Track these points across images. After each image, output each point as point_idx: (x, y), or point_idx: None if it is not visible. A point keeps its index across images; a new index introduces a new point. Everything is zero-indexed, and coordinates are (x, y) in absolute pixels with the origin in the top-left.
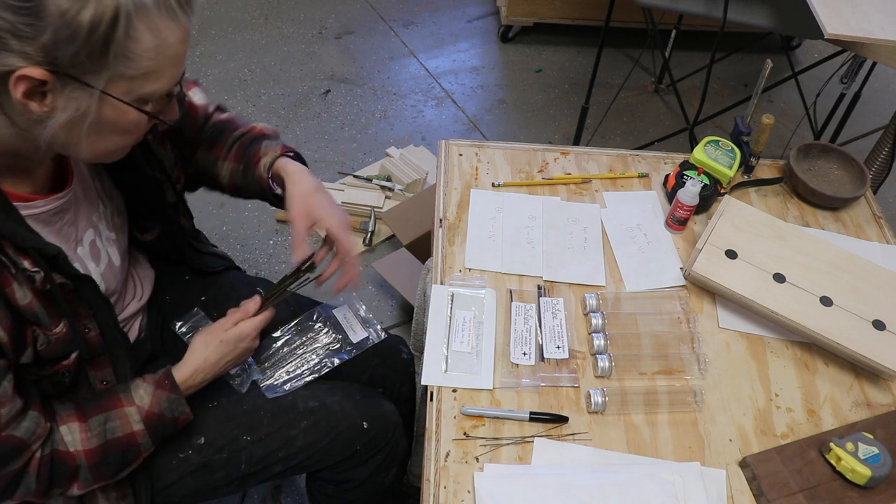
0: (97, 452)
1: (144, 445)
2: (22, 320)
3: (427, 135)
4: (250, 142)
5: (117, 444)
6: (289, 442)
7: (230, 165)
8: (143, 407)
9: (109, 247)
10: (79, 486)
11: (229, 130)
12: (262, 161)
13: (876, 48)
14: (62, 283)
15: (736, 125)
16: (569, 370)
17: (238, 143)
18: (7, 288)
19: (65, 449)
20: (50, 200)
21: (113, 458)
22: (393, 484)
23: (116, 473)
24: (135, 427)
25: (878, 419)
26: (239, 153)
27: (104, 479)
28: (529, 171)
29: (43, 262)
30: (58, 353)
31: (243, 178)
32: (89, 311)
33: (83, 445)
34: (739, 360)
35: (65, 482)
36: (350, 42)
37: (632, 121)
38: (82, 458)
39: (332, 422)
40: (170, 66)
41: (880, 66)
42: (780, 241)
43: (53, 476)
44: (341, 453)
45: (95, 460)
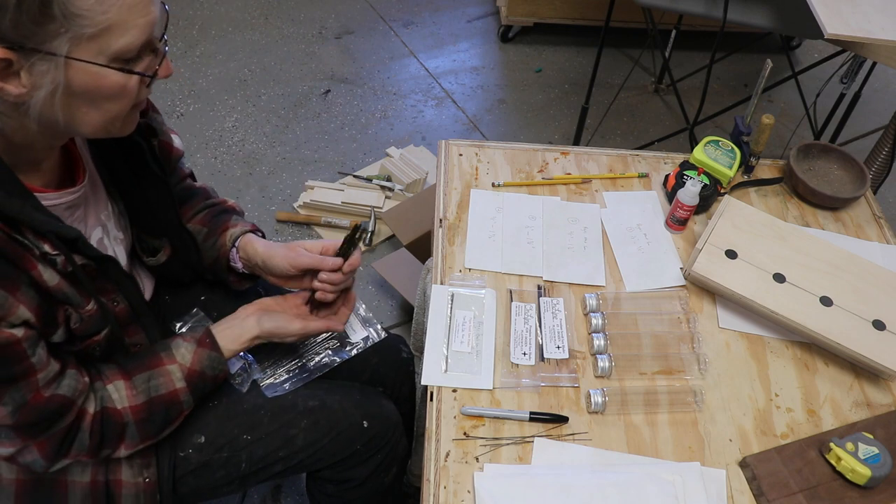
0: (143, 409)
1: (186, 403)
2: (53, 301)
3: (427, 135)
4: (220, 212)
5: (161, 402)
6: (289, 441)
7: (192, 227)
8: (185, 365)
9: (116, 246)
10: (126, 446)
11: (201, 196)
12: (230, 231)
13: (876, 48)
14: (84, 264)
15: (736, 125)
16: (569, 370)
17: (208, 209)
18: (33, 271)
19: (113, 406)
20: (63, 194)
21: (157, 415)
22: (393, 483)
23: (160, 431)
24: (177, 384)
25: (878, 419)
26: (206, 218)
27: (149, 437)
28: (529, 171)
29: (62, 245)
30: (90, 330)
31: (203, 242)
32: (115, 286)
33: (129, 402)
34: (739, 360)
35: (114, 440)
36: (350, 42)
37: (632, 121)
38: (129, 414)
39: (333, 421)
40: (132, 15)
41: (880, 66)
42: (780, 241)
43: (104, 433)
44: (341, 452)
45: (141, 416)
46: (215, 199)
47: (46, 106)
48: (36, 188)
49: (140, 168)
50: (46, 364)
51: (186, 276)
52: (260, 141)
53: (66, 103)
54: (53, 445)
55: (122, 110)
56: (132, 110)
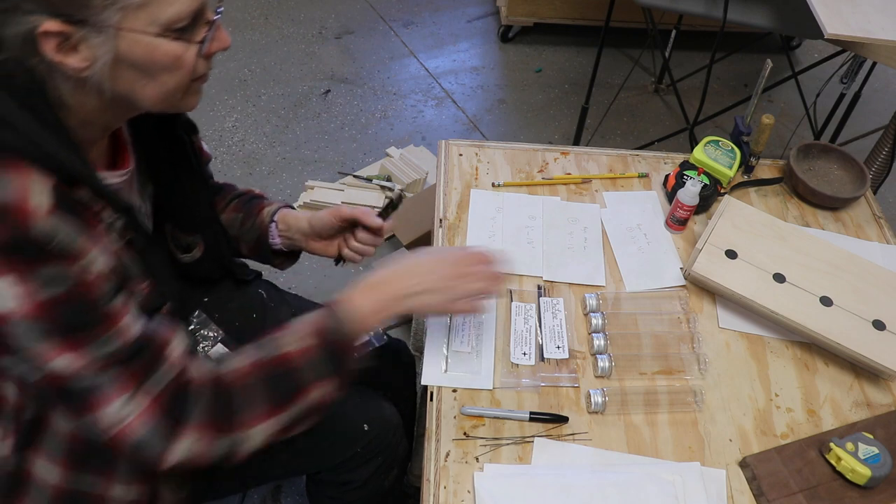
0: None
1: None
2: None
3: (427, 135)
4: (251, 198)
5: (280, 362)
6: (289, 444)
7: (227, 217)
8: (306, 325)
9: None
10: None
11: (228, 189)
12: (267, 209)
13: (876, 48)
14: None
15: (736, 125)
16: (569, 370)
17: (238, 198)
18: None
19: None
20: (111, 174)
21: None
22: (393, 485)
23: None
24: (299, 345)
25: (878, 419)
26: (239, 206)
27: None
28: (529, 171)
29: (122, 212)
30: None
31: (241, 228)
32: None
33: (243, 361)
34: (739, 360)
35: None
36: (350, 42)
37: (632, 121)
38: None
39: (333, 424)
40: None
41: (880, 66)
42: (780, 241)
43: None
44: (341, 455)
45: (261, 376)
46: (241, 189)
47: (107, 79)
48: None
49: (180, 163)
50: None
51: (216, 273)
52: (260, 141)
53: (123, 76)
54: (167, 403)
55: (179, 83)
56: (193, 84)
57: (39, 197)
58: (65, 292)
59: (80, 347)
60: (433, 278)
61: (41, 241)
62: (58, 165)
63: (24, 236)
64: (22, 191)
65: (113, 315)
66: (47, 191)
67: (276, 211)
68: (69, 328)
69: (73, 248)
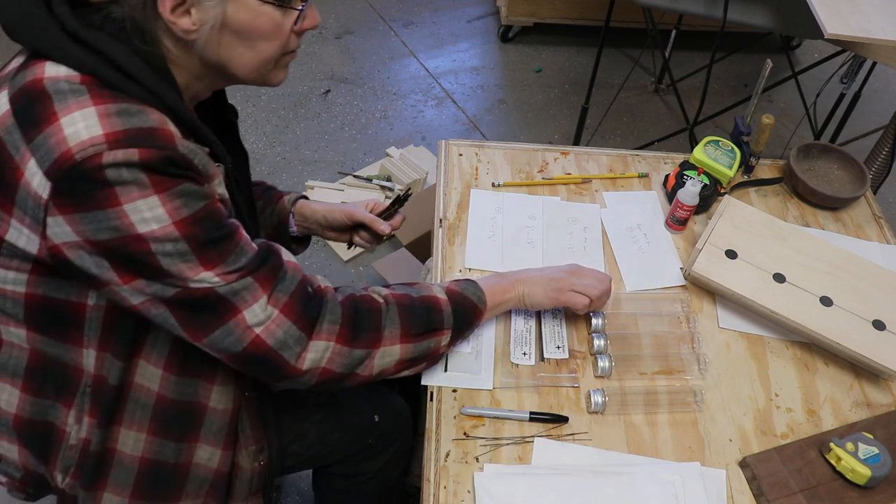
0: (403, 297)
1: (447, 316)
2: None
3: (427, 135)
4: (268, 187)
5: (422, 301)
6: (301, 436)
7: None
8: (443, 285)
9: None
10: (382, 342)
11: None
12: (286, 198)
13: (876, 48)
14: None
15: (736, 125)
16: (569, 370)
17: (257, 186)
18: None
19: (369, 294)
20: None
21: (418, 309)
22: (400, 478)
23: (421, 334)
24: (438, 294)
25: (878, 419)
26: (258, 194)
27: (409, 335)
28: (529, 171)
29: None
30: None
31: (261, 214)
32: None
33: (392, 290)
34: (739, 360)
35: (369, 330)
36: (350, 42)
37: (632, 121)
38: (390, 299)
39: (344, 415)
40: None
41: (880, 66)
42: (780, 241)
43: (359, 313)
44: (353, 447)
45: (402, 302)
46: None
47: (210, 43)
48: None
49: (232, 145)
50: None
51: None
52: (260, 141)
53: (225, 42)
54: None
55: (274, 52)
56: (283, 57)
57: (174, 127)
58: (202, 209)
59: (218, 263)
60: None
61: (185, 159)
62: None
63: (172, 155)
64: (162, 119)
65: (237, 230)
66: (170, 122)
67: (294, 201)
68: (208, 244)
69: (206, 169)
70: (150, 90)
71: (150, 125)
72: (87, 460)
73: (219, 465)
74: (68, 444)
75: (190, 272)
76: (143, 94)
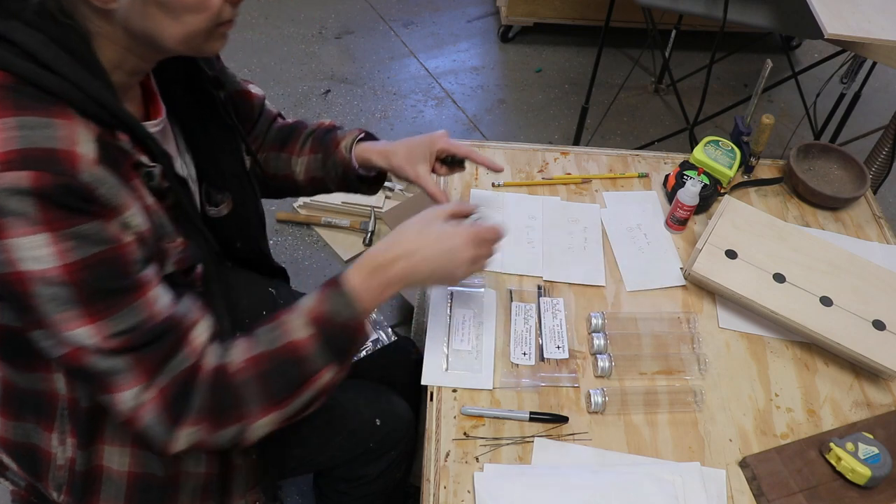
0: (258, 361)
1: (316, 358)
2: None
3: None
4: (325, 133)
5: (281, 354)
6: (302, 440)
7: (306, 159)
8: (305, 310)
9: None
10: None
11: (299, 130)
12: (342, 144)
13: (876, 48)
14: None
15: (736, 125)
16: (569, 370)
17: (312, 136)
18: (133, 181)
19: (228, 362)
20: (148, 124)
21: (277, 370)
22: (402, 481)
23: (289, 395)
24: (299, 334)
25: (878, 419)
26: (314, 145)
27: (276, 402)
28: (529, 171)
29: (161, 157)
30: (188, 262)
31: (323, 167)
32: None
33: (245, 355)
34: (739, 360)
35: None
36: (350, 42)
37: (632, 121)
38: (244, 369)
39: (345, 419)
40: None
41: (880, 66)
42: (780, 241)
43: (221, 395)
44: (354, 450)
45: (258, 370)
46: (312, 125)
47: (133, 13)
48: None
49: (211, 118)
50: (158, 282)
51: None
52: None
53: (149, 13)
54: (172, 394)
55: (202, 25)
56: (218, 28)
57: (87, 145)
58: (97, 254)
59: (100, 318)
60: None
61: (87, 189)
62: (100, 108)
63: (70, 184)
64: (70, 137)
65: (140, 288)
66: (93, 140)
67: (350, 145)
68: (96, 294)
69: (114, 200)
70: (70, 80)
71: (51, 145)
72: (76, 479)
73: (207, 467)
74: (56, 465)
75: (69, 324)
76: (62, 87)
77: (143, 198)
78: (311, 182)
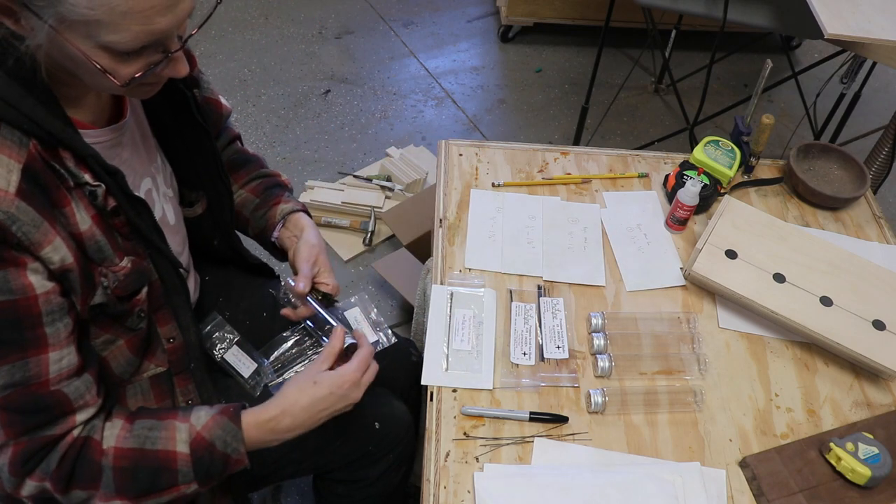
0: (128, 456)
1: (183, 475)
2: (87, 257)
3: (427, 135)
4: (274, 185)
5: (152, 458)
6: (301, 443)
7: (244, 195)
8: (195, 427)
9: (165, 203)
10: (100, 497)
11: (256, 165)
12: (282, 206)
13: (876, 48)
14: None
15: (736, 125)
16: (569, 370)
17: (262, 180)
18: (66, 207)
19: (98, 441)
20: (105, 131)
21: (143, 471)
22: (401, 482)
23: (143, 495)
24: (178, 447)
25: (878, 419)
26: (258, 188)
27: (127, 496)
28: (529, 171)
29: (105, 176)
30: (130, 288)
31: (252, 212)
32: (145, 250)
33: (117, 442)
34: (739, 360)
35: (86, 481)
36: (350, 42)
37: (632, 121)
38: (110, 456)
39: (344, 423)
40: (128, 21)
41: (880, 66)
42: (780, 241)
43: (77, 466)
44: (353, 454)
45: (123, 464)
46: (268, 170)
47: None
48: (79, 122)
49: (184, 117)
50: (62, 345)
51: (216, 236)
52: (260, 141)
53: (64, 57)
54: (24, 454)
55: (112, 87)
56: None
57: (7, 176)
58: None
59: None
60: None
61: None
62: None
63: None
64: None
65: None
66: (17, 169)
67: (288, 213)
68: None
69: (30, 238)
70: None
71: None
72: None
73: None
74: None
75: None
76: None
77: (76, 224)
78: (236, 216)
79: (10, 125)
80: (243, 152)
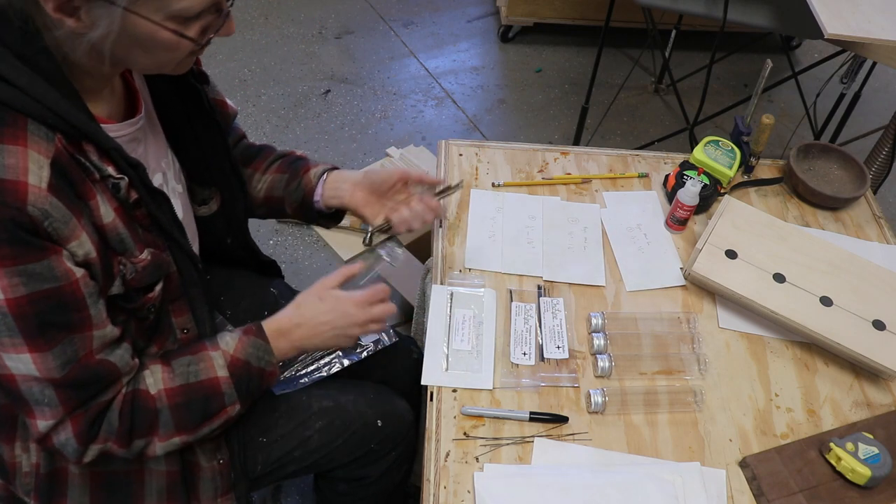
0: (179, 393)
1: (228, 396)
2: (108, 247)
3: (427, 135)
4: (296, 158)
5: (200, 389)
6: (304, 442)
7: (270, 178)
8: (228, 351)
9: (174, 198)
10: (159, 437)
11: (268, 151)
12: (313, 170)
13: (876, 48)
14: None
15: (736, 125)
16: (569, 370)
17: (282, 159)
18: (91, 201)
19: (146, 389)
20: (123, 126)
21: (195, 403)
22: (402, 481)
23: (198, 424)
24: (219, 372)
25: (878, 419)
26: (283, 166)
27: (185, 429)
28: (529, 171)
29: (128, 168)
30: (146, 280)
31: (285, 189)
32: (164, 242)
33: (164, 384)
34: (739, 360)
35: (145, 428)
36: (350, 42)
37: (632, 121)
38: (163, 398)
39: (347, 421)
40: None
41: (880, 66)
42: (780, 241)
43: (134, 416)
44: (356, 452)
45: (177, 401)
46: (284, 150)
47: (98, 44)
48: (98, 118)
49: (196, 113)
50: (105, 323)
51: (229, 234)
52: (260, 141)
53: (120, 45)
54: (87, 422)
55: (175, 59)
56: (188, 57)
57: (37, 173)
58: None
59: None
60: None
61: (34, 221)
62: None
63: (17, 217)
64: (19, 165)
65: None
66: (46, 164)
67: (322, 172)
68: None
69: (60, 233)
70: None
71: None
72: (42, 482)
73: (168, 465)
74: (22, 472)
75: (8, 349)
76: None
77: (100, 217)
78: (267, 201)
79: (36, 121)
80: (252, 145)
